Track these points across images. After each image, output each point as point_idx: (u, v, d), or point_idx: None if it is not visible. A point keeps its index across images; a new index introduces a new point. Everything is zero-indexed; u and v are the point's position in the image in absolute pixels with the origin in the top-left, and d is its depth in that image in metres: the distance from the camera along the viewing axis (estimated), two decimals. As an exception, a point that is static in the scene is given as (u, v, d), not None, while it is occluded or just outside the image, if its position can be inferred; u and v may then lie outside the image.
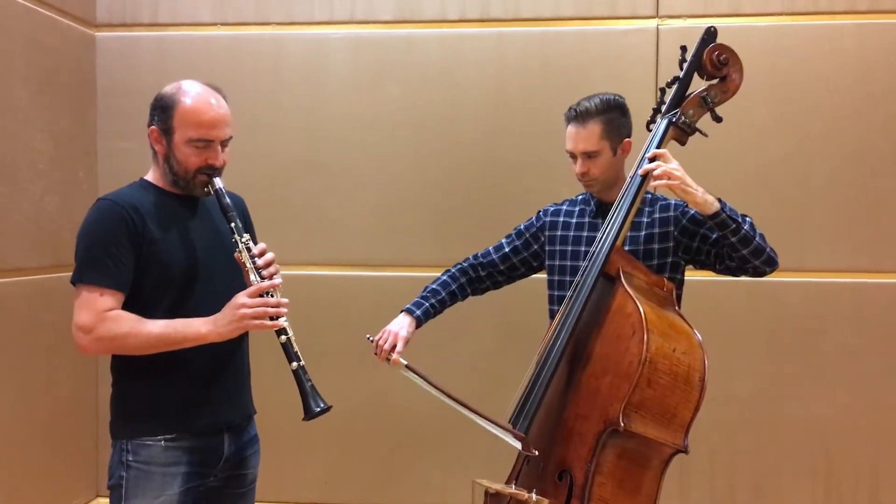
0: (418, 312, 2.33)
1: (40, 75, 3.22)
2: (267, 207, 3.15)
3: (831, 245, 3.30)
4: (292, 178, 3.51)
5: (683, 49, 2.23)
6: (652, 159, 2.10)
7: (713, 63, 2.17)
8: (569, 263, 2.32)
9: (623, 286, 2.05)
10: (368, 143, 3.49)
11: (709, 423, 3.32)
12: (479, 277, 2.45)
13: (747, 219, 2.14)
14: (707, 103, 2.19)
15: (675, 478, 3.35)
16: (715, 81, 2.20)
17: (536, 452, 2.01)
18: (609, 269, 2.11)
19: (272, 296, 1.97)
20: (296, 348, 1.97)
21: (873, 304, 3.28)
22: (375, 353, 2.27)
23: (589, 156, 2.23)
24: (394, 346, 2.24)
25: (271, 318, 1.95)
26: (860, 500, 3.30)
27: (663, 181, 2.06)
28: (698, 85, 2.22)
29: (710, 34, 2.20)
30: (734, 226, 2.08)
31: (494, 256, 2.44)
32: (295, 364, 1.96)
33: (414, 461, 3.49)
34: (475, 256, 2.47)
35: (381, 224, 3.50)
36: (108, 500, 3.51)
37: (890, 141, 3.25)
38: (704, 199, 2.07)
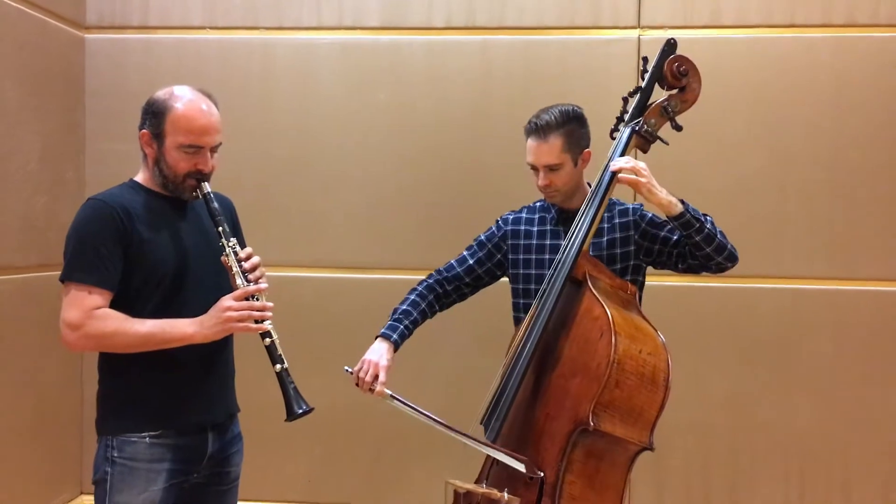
0: (395, 337, 2.30)
1: (30, 77, 3.24)
2: (254, 209, 3.19)
3: (807, 252, 3.36)
4: (279, 181, 3.54)
5: (645, 60, 2.30)
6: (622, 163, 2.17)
7: (673, 73, 2.24)
8: (533, 272, 2.37)
9: (590, 290, 2.11)
10: (355, 146, 3.53)
11: (684, 426, 3.39)
12: (446, 292, 2.45)
13: (708, 218, 2.21)
14: (668, 112, 2.25)
15: (651, 480, 3.41)
16: (675, 91, 2.27)
17: (542, 474, 2.02)
18: (576, 273, 2.16)
19: (258, 299, 2.01)
20: (280, 351, 2.01)
21: (848, 311, 3.34)
22: (357, 385, 2.24)
23: (551, 169, 2.28)
24: (376, 377, 2.21)
25: (256, 322, 1.99)
26: (832, 503, 3.36)
27: (632, 177, 2.12)
28: (658, 95, 2.29)
29: (671, 46, 2.27)
30: (698, 225, 2.15)
31: (459, 270, 2.45)
32: (279, 366, 2.00)
33: (396, 462, 3.52)
34: (439, 272, 2.48)
35: (367, 227, 3.54)
36: (91, 496, 3.55)
37: (864, 150, 3.32)
38: (669, 200, 2.14)
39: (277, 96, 3.56)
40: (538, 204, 2.48)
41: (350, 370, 2.25)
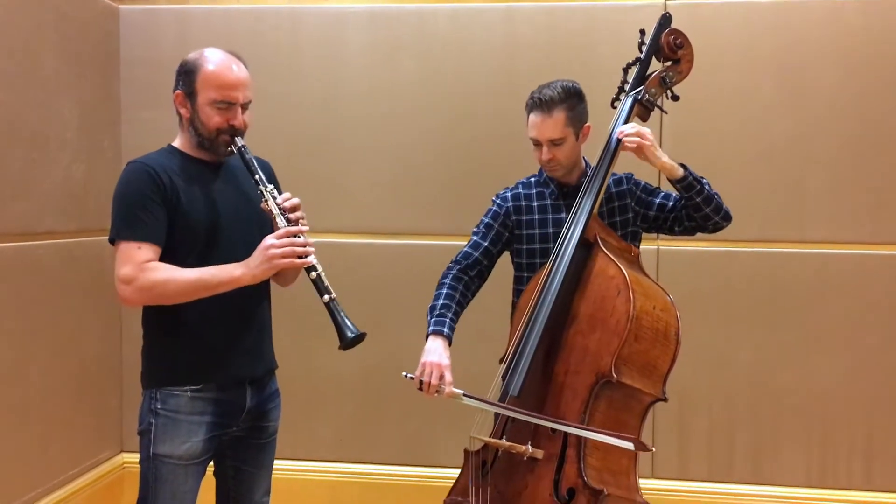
0: (446, 331, 2.29)
1: (68, 48, 3.30)
2: (284, 177, 3.23)
3: (832, 216, 3.36)
4: (309, 149, 3.59)
5: (642, 32, 2.39)
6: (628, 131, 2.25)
7: (670, 46, 2.33)
8: (537, 246, 2.43)
9: (603, 250, 2.21)
10: (383, 114, 3.57)
11: (709, 389, 3.44)
12: (471, 279, 2.49)
13: (704, 180, 2.30)
14: (666, 83, 2.35)
15: (675, 443, 3.46)
16: (670, 63, 2.36)
17: (654, 449, 2.05)
18: (588, 235, 2.25)
19: (299, 238, 2.07)
20: (326, 283, 2.05)
21: (873, 275, 3.35)
22: (420, 389, 2.21)
23: (555, 143, 2.34)
24: (441, 377, 2.20)
25: (300, 257, 2.04)
26: (854, 468, 3.39)
27: (637, 139, 2.21)
28: (654, 66, 2.38)
29: (666, 19, 2.37)
30: (699, 187, 2.26)
31: (477, 255, 2.48)
32: (327, 297, 2.04)
33: (427, 422, 3.58)
34: (458, 262, 2.49)
35: (394, 193, 3.58)
36: (131, 455, 3.68)
37: (891, 115, 3.30)
38: (671, 164, 2.24)
39: (306, 65, 3.59)
40: (533, 179, 2.54)
41: (410, 376, 2.23)
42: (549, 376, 2.21)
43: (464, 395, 2.16)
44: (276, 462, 2.42)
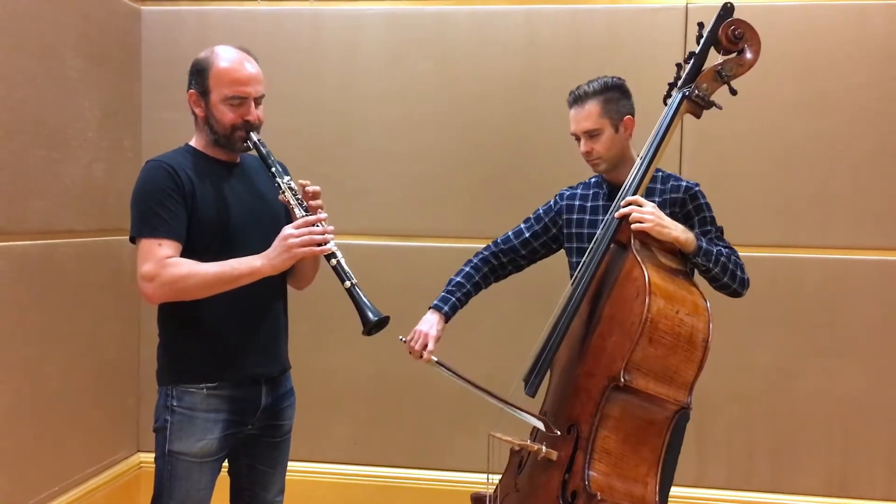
0: (446, 308, 2.40)
1: (90, 48, 3.32)
2: (301, 178, 3.26)
3: (854, 222, 3.32)
4: (326, 150, 3.59)
5: (700, 25, 2.28)
6: (626, 205, 2.18)
7: (729, 38, 2.21)
8: (585, 245, 2.39)
9: (633, 252, 2.12)
10: (400, 116, 3.56)
11: (728, 394, 3.40)
12: (501, 264, 2.51)
13: (723, 250, 2.27)
14: (722, 76, 2.23)
15: (693, 448, 3.42)
16: (731, 56, 2.24)
17: (559, 432, 2.08)
18: (621, 237, 2.18)
19: (318, 226, 2.06)
20: (347, 269, 2.05)
21: (894, 282, 3.31)
22: (409, 353, 2.36)
23: (591, 134, 2.32)
24: (425, 346, 2.32)
25: (319, 245, 2.04)
26: (876, 476, 3.35)
27: (637, 226, 2.13)
28: (715, 60, 2.26)
29: (727, 10, 2.25)
30: (714, 257, 2.22)
31: (515, 242, 2.51)
32: (348, 283, 2.04)
33: (441, 424, 3.57)
34: (496, 244, 2.52)
35: (411, 195, 3.58)
36: (147, 454, 3.69)
37: (914, 120, 3.27)
38: (686, 237, 2.17)
39: (325, 66, 3.60)
40: (593, 180, 2.52)
41: (404, 339, 2.36)
42: (572, 378, 2.18)
43: (437, 362, 2.27)
44: (290, 463, 2.43)
